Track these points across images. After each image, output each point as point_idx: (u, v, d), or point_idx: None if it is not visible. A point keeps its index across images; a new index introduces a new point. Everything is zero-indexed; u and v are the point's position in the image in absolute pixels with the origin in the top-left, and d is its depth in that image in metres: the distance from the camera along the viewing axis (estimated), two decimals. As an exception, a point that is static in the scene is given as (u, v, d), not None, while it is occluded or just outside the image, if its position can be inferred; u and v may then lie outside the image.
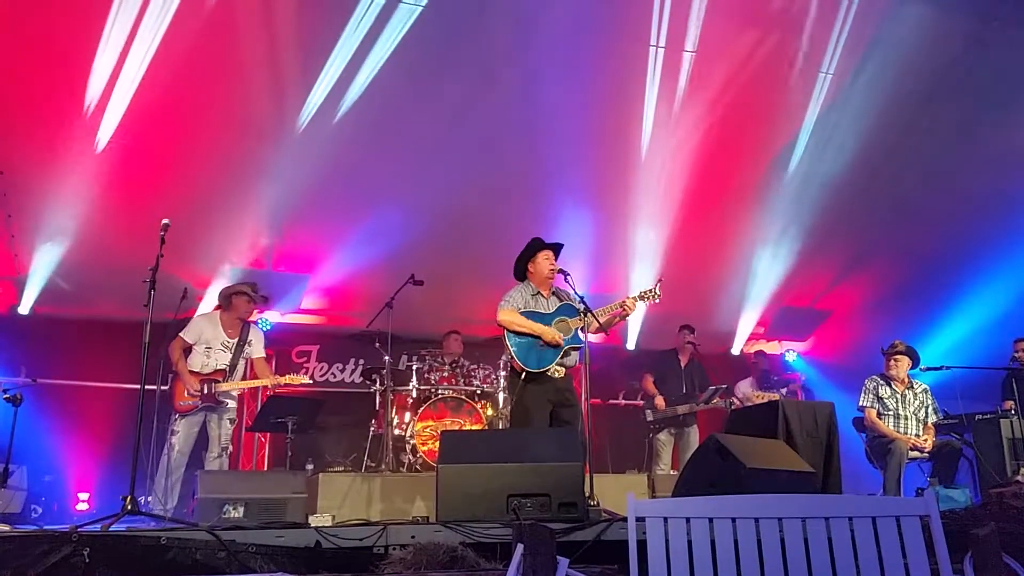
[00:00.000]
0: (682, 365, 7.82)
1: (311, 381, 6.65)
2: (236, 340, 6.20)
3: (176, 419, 5.89)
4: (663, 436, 7.58)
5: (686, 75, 7.19)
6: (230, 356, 6.14)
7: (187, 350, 6.07)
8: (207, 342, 6.10)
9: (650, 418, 7.61)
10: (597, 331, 5.36)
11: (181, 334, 6.09)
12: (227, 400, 6.08)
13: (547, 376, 5.19)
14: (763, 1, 7.01)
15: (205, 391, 5.94)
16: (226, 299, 6.24)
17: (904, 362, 6.64)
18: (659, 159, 7.82)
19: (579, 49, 6.87)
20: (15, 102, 6.40)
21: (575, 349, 5.24)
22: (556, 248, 5.46)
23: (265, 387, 6.35)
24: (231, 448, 6.13)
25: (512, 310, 5.28)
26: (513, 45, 6.73)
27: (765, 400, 7.87)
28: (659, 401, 7.56)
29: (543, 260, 5.37)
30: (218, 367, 6.08)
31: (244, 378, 6.26)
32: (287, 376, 6.30)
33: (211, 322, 6.19)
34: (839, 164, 8.10)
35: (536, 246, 5.45)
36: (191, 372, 5.95)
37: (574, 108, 7.24)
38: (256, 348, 6.30)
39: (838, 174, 8.17)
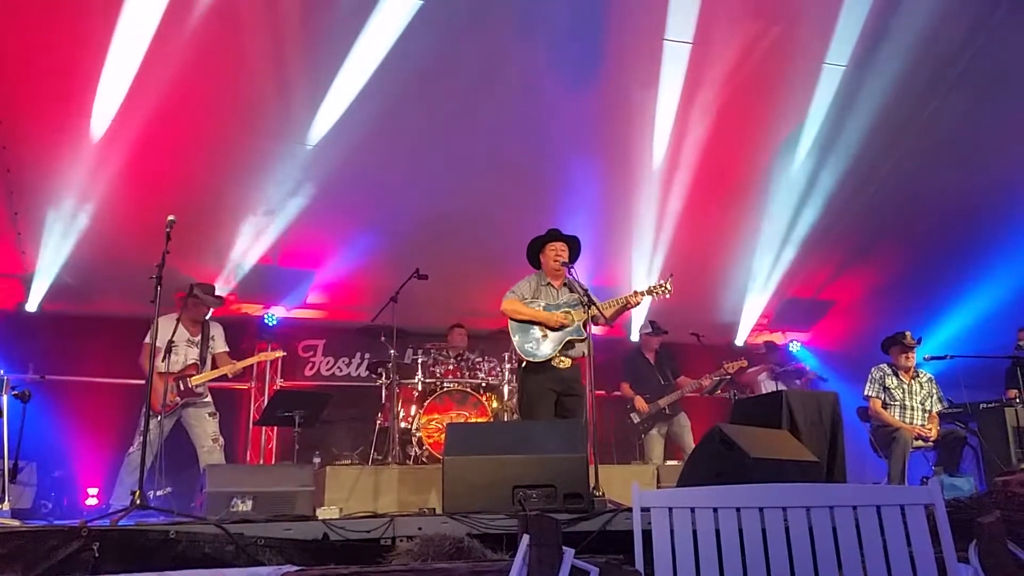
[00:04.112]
0: (652, 361, 7.87)
1: (284, 354, 6.69)
2: (200, 336, 6.28)
3: (156, 419, 5.87)
4: (653, 433, 7.61)
5: (689, 67, 7.16)
6: (198, 351, 6.23)
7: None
8: (173, 341, 6.11)
9: (636, 420, 7.65)
10: (601, 324, 5.41)
11: (147, 340, 6.10)
12: (202, 390, 6.16)
13: (551, 365, 5.26)
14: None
15: (182, 387, 6.03)
16: (180, 300, 6.27)
17: (914, 353, 6.66)
18: (662, 150, 7.80)
19: (581, 43, 6.85)
20: (22, 101, 6.42)
21: (580, 341, 5.28)
22: (570, 241, 5.51)
23: (237, 372, 6.39)
24: (221, 439, 6.17)
25: (516, 299, 5.40)
26: (515, 38, 6.72)
27: (735, 368, 7.88)
28: (639, 403, 7.60)
29: (550, 251, 5.44)
30: (188, 362, 6.15)
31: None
32: (257, 355, 6.33)
33: (169, 322, 6.14)
34: (843, 154, 8.08)
35: (546, 237, 5.52)
36: (160, 373, 5.94)
37: (576, 101, 7.22)
38: (218, 343, 6.39)
39: (842, 164, 8.15)
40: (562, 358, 5.29)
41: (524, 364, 5.36)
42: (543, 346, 5.28)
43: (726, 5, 6.85)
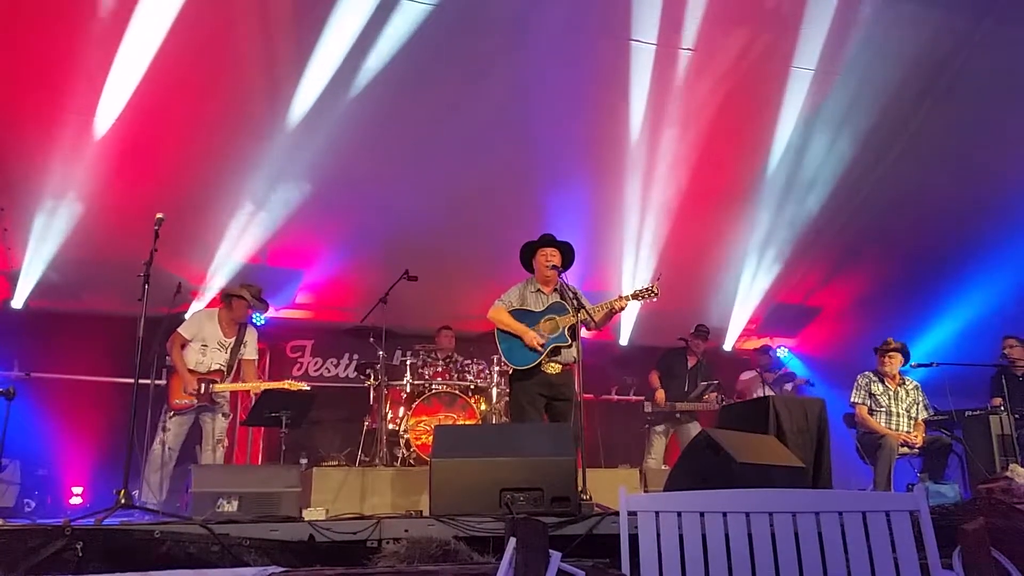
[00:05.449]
0: (689, 365, 7.84)
1: (308, 389, 6.65)
2: (233, 340, 6.19)
3: (170, 416, 5.88)
4: (659, 428, 7.62)
5: (679, 72, 7.19)
6: (227, 356, 6.13)
7: (183, 345, 6.06)
8: (204, 340, 6.08)
9: (647, 410, 7.65)
10: (590, 329, 5.40)
11: (179, 330, 6.06)
12: (221, 400, 6.10)
13: (540, 371, 5.25)
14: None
15: (202, 390, 5.94)
16: (227, 298, 6.23)
17: (897, 359, 6.67)
18: (652, 156, 7.83)
19: (572, 46, 6.87)
20: (8, 96, 6.38)
21: (566, 347, 5.25)
22: (563, 247, 5.47)
23: (258, 392, 6.33)
24: (226, 441, 6.13)
25: (501, 308, 5.40)
26: (506, 43, 6.73)
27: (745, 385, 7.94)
28: (659, 395, 7.59)
29: (541, 257, 5.40)
30: (214, 367, 6.07)
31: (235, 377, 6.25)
32: (286, 381, 6.30)
33: (210, 319, 6.18)
34: (832, 162, 8.13)
35: (539, 242, 5.48)
36: (188, 370, 5.94)
37: (567, 105, 7.24)
38: (249, 350, 6.28)
39: (831, 172, 8.19)
40: (551, 364, 5.28)
41: (513, 370, 5.36)
42: (527, 354, 5.28)
43: (718, 12, 6.88)
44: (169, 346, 6.00)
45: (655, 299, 5.30)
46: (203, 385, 5.95)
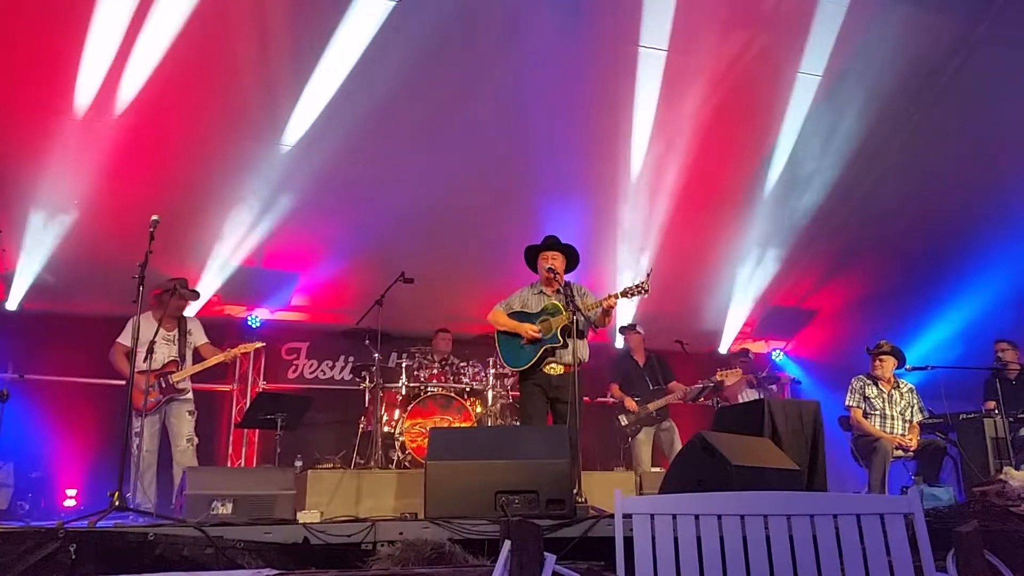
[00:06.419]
0: (640, 364, 7.74)
1: (263, 344, 6.60)
2: (176, 332, 6.15)
3: (141, 420, 5.84)
4: (641, 436, 7.50)
5: (675, 76, 7.20)
6: (176, 347, 6.10)
7: (127, 354, 5.99)
8: (148, 340, 6.05)
9: (624, 422, 7.49)
10: (594, 329, 5.43)
11: (119, 340, 6.00)
12: (185, 387, 6.05)
13: (543, 372, 5.28)
14: (751, 2, 7.04)
15: (163, 384, 5.92)
16: (156, 298, 6.15)
17: (889, 362, 6.68)
18: (648, 160, 7.84)
19: (569, 49, 6.88)
20: (4, 97, 6.37)
21: (560, 348, 5.25)
22: (566, 250, 5.49)
23: (222, 362, 6.23)
24: (196, 439, 6.07)
25: (499, 311, 5.47)
26: (502, 44, 6.74)
27: (732, 379, 7.86)
28: (629, 403, 7.44)
29: (542, 260, 5.43)
30: (168, 359, 6.02)
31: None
32: (239, 347, 6.26)
33: (147, 321, 5.99)
34: (828, 165, 8.15)
35: (540, 245, 5.51)
36: (141, 372, 5.89)
37: (564, 108, 7.25)
38: (197, 336, 6.24)
39: (825, 175, 8.21)
40: (553, 365, 5.28)
41: (518, 372, 5.42)
42: (522, 355, 5.31)
43: (712, 16, 6.90)
44: (114, 359, 5.97)
45: (646, 295, 5.25)
46: (161, 380, 5.92)
